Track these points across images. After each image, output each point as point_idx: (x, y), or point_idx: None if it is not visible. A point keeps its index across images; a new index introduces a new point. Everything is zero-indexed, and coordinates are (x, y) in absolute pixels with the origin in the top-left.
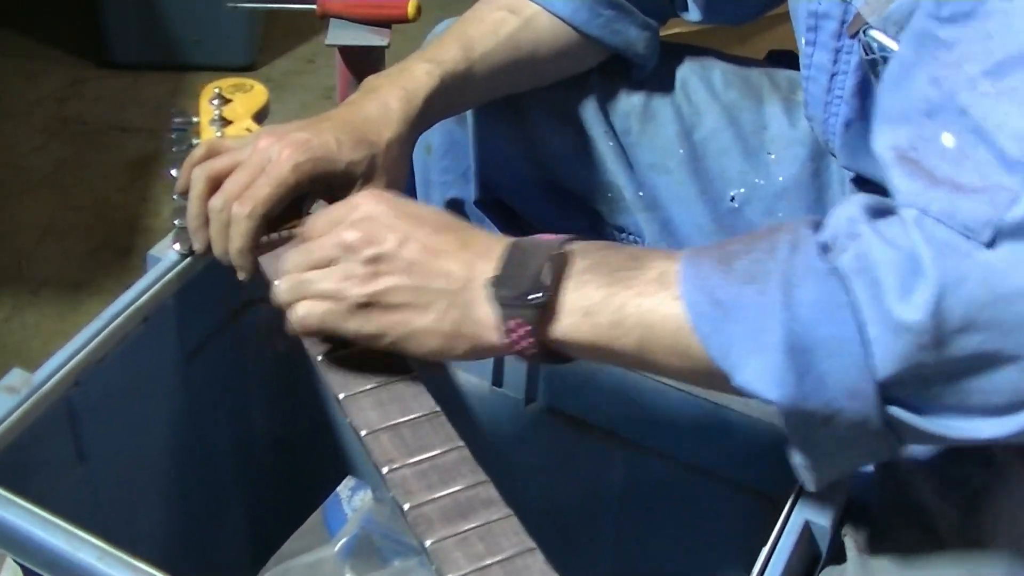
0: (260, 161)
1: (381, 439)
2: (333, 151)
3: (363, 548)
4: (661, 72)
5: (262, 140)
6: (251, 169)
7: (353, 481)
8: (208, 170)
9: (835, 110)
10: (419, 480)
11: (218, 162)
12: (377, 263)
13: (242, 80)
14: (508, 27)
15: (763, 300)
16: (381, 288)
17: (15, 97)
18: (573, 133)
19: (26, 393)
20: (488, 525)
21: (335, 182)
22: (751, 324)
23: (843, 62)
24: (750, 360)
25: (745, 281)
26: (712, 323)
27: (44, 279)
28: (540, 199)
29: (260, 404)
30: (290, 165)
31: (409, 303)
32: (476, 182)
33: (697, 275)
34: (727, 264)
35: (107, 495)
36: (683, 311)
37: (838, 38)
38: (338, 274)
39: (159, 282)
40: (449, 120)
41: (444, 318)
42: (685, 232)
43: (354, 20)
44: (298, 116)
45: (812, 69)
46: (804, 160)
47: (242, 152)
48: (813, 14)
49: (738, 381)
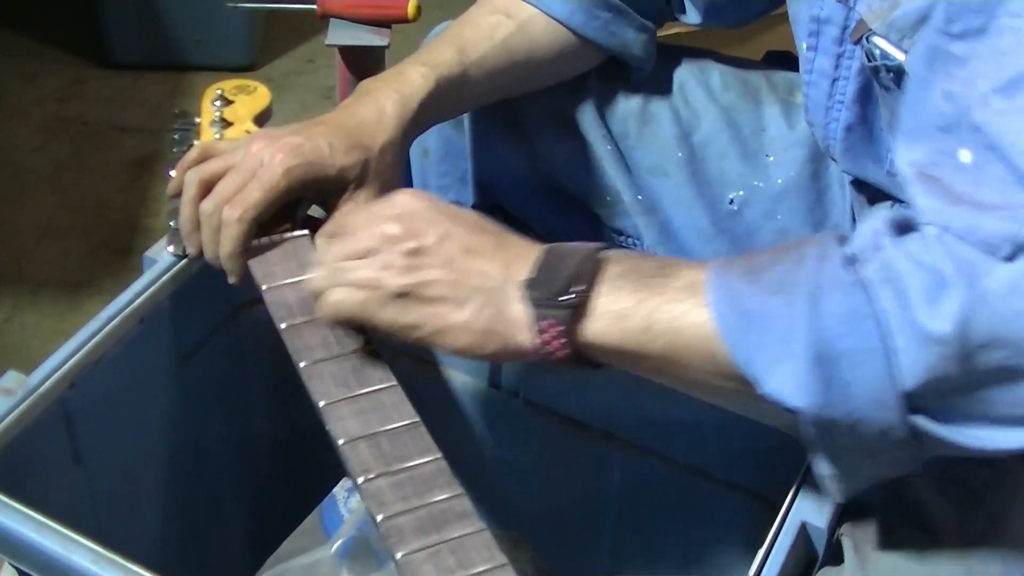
0: (252, 165)
1: (359, 448)
2: (325, 156)
3: (360, 549)
4: (659, 75)
5: (255, 144)
6: (243, 173)
7: (350, 483)
8: (201, 173)
9: (836, 115)
10: (394, 491)
11: (211, 165)
12: (417, 256)
13: (245, 82)
14: (503, 30)
15: (790, 310)
16: (420, 280)
17: (15, 97)
18: (571, 137)
19: (22, 395)
20: (461, 539)
21: (327, 187)
22: (778, 333)
23: (844, 67)
24: (776, 369)
25: (773, 292)
26: (739, 332)
27: (44, 279)
28: (538, 203)
29: (256, 405)
30: (282, 170)
31: (446, 297)
32: (474, 186)
33: (725, 284)
34: (755, 275)
35: (103, 496)
36: (710, 319)
37: (840, 43)
38: (378, 263)
39: (155, 284)
40: (446, 125)
41: (479, 315)
42: (684, 235)
43: (354, 20)
44: (298, 116)
45: (813, 74)
46: (803, 162)
47: (235, 156)
48: (815, 19)
49: (764, 389)
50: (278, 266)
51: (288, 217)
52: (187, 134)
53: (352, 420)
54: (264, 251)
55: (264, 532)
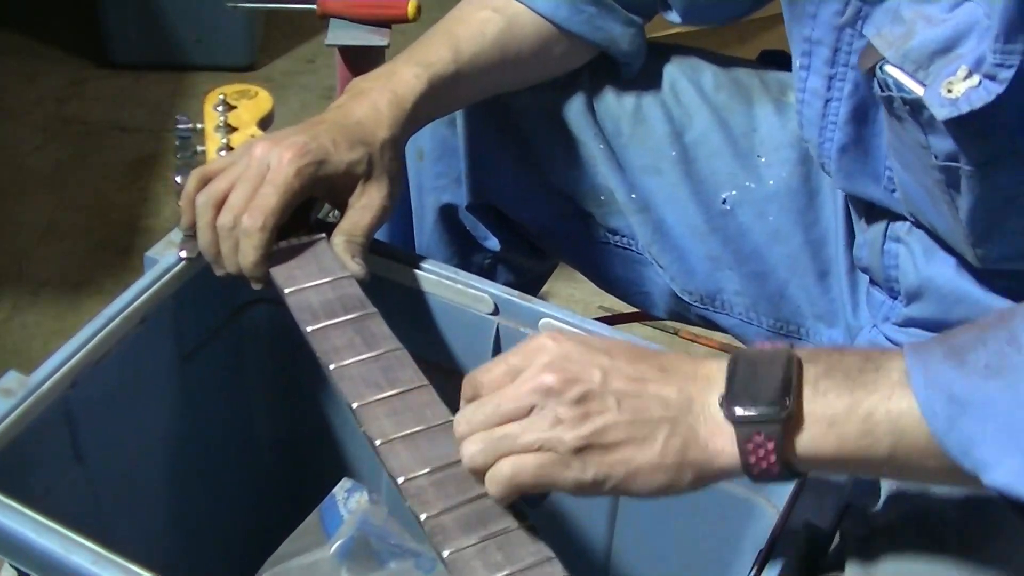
0: (260, 170)
1: (396, 448)
2: (331, 152)
3: (359, 550)
4: (651, 73)
5: (257, 148)
6: (252, 180)
7: (350, 483)
8: (210, 196)
9: (830, 135)
10: (435, 490)
11: (216, 185)
12: (586, 402)
13: (247, 86)
14: (493, 27)
15: (1013, 396)
16: (598, 427)
17: (15, 97)
18: (564, 137)
19: (22, 395)
20: (507, 534)
21: (337, 183)
22: (1001, 421)
23: (836, 88)
24: (1004, 460)
25: (986, 376)
26: (948, 420)
27: (44, 279)
28: (532, 203)
29: (257, 405)
30: (293, 169)
31: (628, 439)
32: (468, 187)
33: (926, 371)
34: (958, 358)
35: (104, 496)
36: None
37: (831, 65)
38: (545, 421)
39: (156, 283)
40: (441, 125)
41: (668, 448)
42: (678, 234)
43: (354, 20)
44: (298, 116)
45: (806, 93)
46: (794, 163)
47: (236, 168)
48: (807, 39)
49: (989, 480)
50: (298, 270)
51: (301, 219)
52: (189, 140)
53: (386, 420)
54: (282, 255)
55: (264, 532)
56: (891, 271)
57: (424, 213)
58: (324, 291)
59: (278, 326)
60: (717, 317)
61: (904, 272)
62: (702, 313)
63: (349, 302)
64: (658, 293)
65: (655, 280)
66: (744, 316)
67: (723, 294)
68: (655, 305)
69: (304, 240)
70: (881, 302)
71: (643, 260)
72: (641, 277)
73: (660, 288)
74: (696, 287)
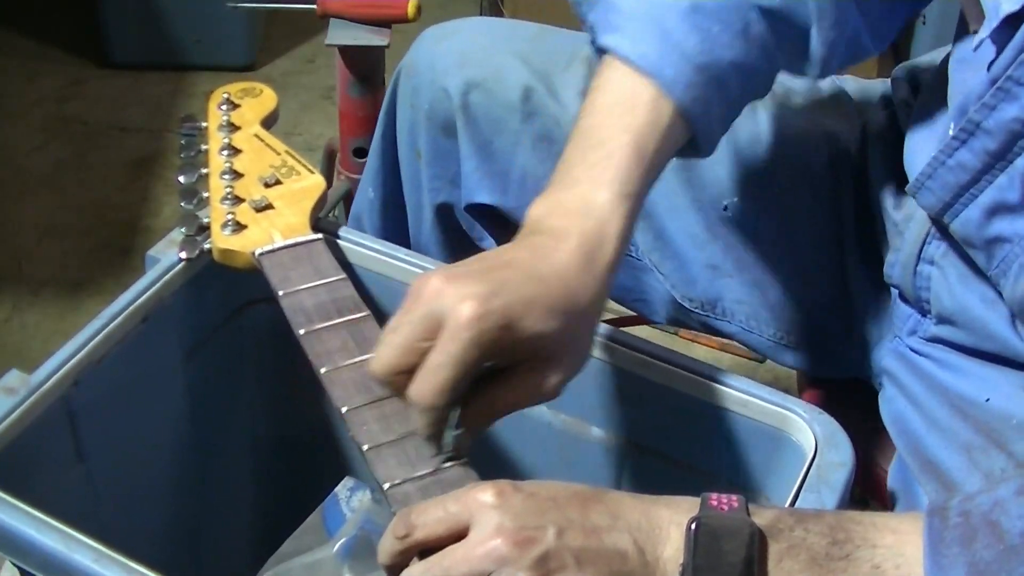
0: (431, 325)
1: (383, 453)
2: (520, 318)
3: (362, 549)
4: None
5: (432, 283)
6: (426, 327)
7: (352, 481)
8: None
9: (959, 209)
10: (421, 495)
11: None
12: (545, 564)
13: (251, 84)
14: (660, 110)
15: None
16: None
17: (15, 97)
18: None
19: (24, 394)
20: None
21: (509, 357)
22: None
23: (989, 175)
24: None
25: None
26: None
27: (44, 279)
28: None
29: (259, 404)
30: (469, 336)
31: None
32: (464, 189)
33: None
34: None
35: (106, 494)
36: None
37: (998, 157)
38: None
39: (158, 282)
40: (435, 129)
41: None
42: (678, 240)
43: (354, 20)
44: (298, 116)
45: (951, 159)
46: (797, 173)
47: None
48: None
49: None
50: (293, 271)
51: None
52: (193, 138)
53: (375, 425)
54: (279, 256)
55: (266, 531)
56: (922, 292)
57: (421, 212)
58: (318, 293)
59: (279, 325)
60: (719, 324)
61: (936, 295)
62: (703, 320)
63: (343, 304)
64: (659, 300)
65: (655, 287)
66: (745, 324)
67: (724, 302)
68: (656, 312)
69: (300, 241)
70: (908, 315)
71: (643, 267)
72: (641, 283)
73: (661, 295)
74: (697, 294)
